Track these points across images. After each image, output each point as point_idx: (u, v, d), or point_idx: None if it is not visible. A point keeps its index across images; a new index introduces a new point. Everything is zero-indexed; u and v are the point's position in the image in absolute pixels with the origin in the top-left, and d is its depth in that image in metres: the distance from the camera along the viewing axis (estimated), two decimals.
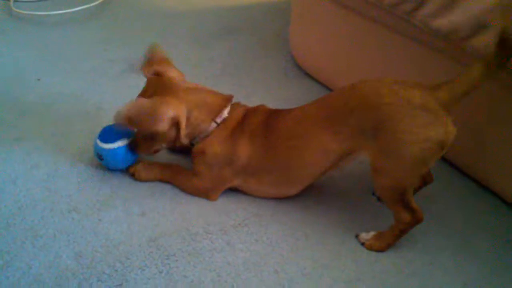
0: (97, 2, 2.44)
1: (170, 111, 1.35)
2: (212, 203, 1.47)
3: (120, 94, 1.85)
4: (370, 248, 1.36)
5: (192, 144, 1.47)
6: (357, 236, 1.39)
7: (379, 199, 1.50)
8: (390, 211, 1.32)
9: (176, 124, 1.38)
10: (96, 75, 1.99)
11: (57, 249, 1.31)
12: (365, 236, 1.38)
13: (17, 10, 2.33)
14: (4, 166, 1.53)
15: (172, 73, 1.47)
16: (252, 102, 1.64)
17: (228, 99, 1.46)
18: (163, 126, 1.35)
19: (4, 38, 2.19)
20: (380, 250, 1.36)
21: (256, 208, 1.46)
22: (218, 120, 1.43)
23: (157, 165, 1.54)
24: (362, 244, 1.37)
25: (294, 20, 2.10)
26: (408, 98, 1.20)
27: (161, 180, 1.52)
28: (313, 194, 1.50)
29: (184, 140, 1.44)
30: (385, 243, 1.35)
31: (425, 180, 1.45)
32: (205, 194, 1.47)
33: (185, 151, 1.57)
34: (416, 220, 1.30)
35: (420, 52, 1.58)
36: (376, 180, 1.29)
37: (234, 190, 1.49)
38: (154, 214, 1.42)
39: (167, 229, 1.38)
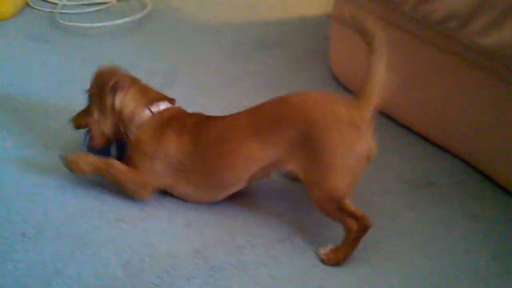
0: (139, 16, 2.49)
1: (123, 76, 1.49)
2: (256, 217, 1.48)
3: None
4: (328, 262, 1.36)
5: (127, 136, 1.50)
6: (318, 253, 1.38)
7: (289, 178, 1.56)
8: (337, 223, 1.35)
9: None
10: None
11: (106, 258, 1.33)
12: (323, 250, 1.38)
13: (62, 22, 2.39)
14: (54, 174, 1.57)
15: None
16: None
17: (168, 97, 1.54)
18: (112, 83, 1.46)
19: (49, 48, 2.25)
20: (337, 263, 1.36)
21: (300, 222, 1.47)
22: (153, 109, 1.48)
23: (91, 155, 1.51)
24: (322, 260, 1.36)
25: (334, 35, 2.11)
26: (337, 114, 1.29)
27: (96, 173, 1.50)
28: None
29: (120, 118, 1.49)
30: (341, 255, 1.35)
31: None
32: (137, 190, 1.47)
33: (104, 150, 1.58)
34: (364, 226, 1.32)
35: (462, 68, 1.58)
36: (311, 193, 1.35)
37: (277, 204, 1.51)
38: (199, 225, 1.44)
39: (212, 241, 1.40)
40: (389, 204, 1.56)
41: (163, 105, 1.50)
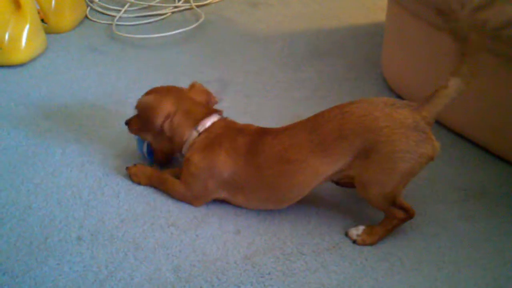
0: (192, 26, 2.54)
1: (166, 108, 1.50)
2: (305, 224, 1.48)
3: None
4: (363, 243, 1.41)
5: (183, 155, 1.54)
6: (346, 234, 1.44)
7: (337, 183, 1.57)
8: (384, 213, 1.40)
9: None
10: None
11: (157, 262, 1.36)
12: (355, 231, 1.42)
13: (119, 33, 2.47)
14: (108, 180, 1.62)
15: (196, 94, 1.59)
16: None
17: (212, 111, 1.54)
18: (160, 119, 1.50)
19: (107, 58, 2.33)
20: (371, 244, 1.41)
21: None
22: (200, 128, 1.49)
23: (149, 169, 1.60)
24: (354, 241, 1.42)
25: (387, 44, 2.09)
26: (401, 120, 1.28)
27: (151, 185, 1.59)
28: None
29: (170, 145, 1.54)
30: (377, 237, 1.41)
31: None
32: (190, 201, 1.53)
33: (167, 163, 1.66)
34: (409, 215, 1.39)
35: None
36: (367, 191, 1.36)
37: (326, 211, 1.50)
38: (248, 232, 1.46)
39: (261, 247, 1.41)
40: (442, 213, 1.52)
41: (209, 121, 1.51)
